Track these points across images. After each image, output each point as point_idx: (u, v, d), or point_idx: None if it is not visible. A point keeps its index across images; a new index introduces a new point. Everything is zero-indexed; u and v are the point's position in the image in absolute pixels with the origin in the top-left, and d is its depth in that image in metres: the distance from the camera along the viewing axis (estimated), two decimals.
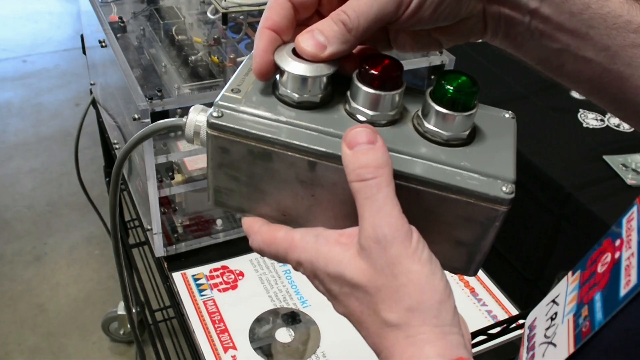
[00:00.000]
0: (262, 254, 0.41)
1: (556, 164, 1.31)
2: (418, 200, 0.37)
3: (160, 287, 1.16)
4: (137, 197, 1.06)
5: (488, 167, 0.37)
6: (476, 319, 0.90)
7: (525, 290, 1.36)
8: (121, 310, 1.72)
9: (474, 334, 0.81)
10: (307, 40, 0.38)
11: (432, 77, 1.05)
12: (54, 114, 2.64)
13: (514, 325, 0.85)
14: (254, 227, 0.41)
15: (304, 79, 0.38)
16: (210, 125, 0.38)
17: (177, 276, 0.93)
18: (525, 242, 1.36)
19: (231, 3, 1.02)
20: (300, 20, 0.41)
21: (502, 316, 0.91)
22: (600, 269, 0.39)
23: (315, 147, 0.37)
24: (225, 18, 1.07)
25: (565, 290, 0.43)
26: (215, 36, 1.07)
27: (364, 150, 0.35)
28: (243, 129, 0.38)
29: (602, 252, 0.40)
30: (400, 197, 0.36)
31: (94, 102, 1.32)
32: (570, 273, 0.44)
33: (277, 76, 0.40)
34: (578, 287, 0.41)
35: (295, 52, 0.39)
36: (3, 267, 1.98)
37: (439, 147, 0.38)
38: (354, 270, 0.36)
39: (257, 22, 1.13)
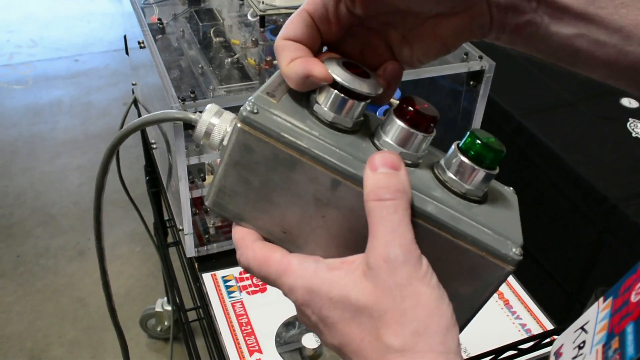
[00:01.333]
0: (249, 271, 0.39)
1: (601, 174, 1.26)
2: (430, 242, 0.37)
3: (193, 287, 1.17)
4: (172, 198, 1.07)
5: (500, 227, 0.38)
6: (508, 333, 0.87)
7: (565, 303, 1.32)
8: (159, 307, 1.74)
9: (504, 348, 0.79)
10: (294, 69, 0.38)
11: (472, 82, 1.02)
12: (102, 113, 2.70)
13: (547, 340, 0.82)
14: (247, 240, 0.39)
15: (347, 96, 0.38)
16: (243, 119, 0.37)
17: (207, 277, 0.94)
18: (566, 253, 1.32)
19: (268, 5, 1.02)
20: (327, 41, 0.41)
21: (536, 330, 0.88)
22: (634, 297, 0.36)
23: (344, 166, 0.37)
24: (262, 20, 1.07)
25: (595, 317, 0.41)
26: (254, 38, 1.08)
27: (386, 173, 0.35)
28: (277, 130, 0.37)
29: (637, 279, 0.37)
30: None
31: (135, 102, 1.34)
32: (602, 299, 0.42)
33: (315, 92, 0.39)
34: (609, 315, 0.39)
35: (347, 65, 0.39)
36: (47, 261, 2.03)
37: (456, 197, 0.39)
38: (360, 292, 0.34)
39: None
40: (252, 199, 0.39)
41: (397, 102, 0.39)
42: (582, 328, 0.44)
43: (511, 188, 0.44)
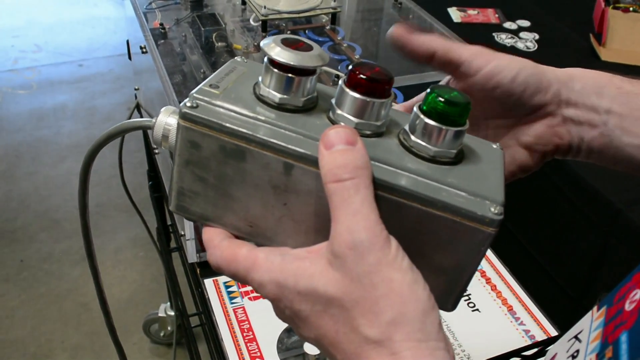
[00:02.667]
0: (220, 271, 0.37)
1: (606, 178, 1.26)
2: (400, 216, 0.35)
3: (195, 292, 1.17)
4: None
5: (476, 187, 0.35)
6: (512, 339, 0.86)
7: (569, 309, 1.31)
8: (162, 312, 1.74)
9: (508, 355, 0.78)
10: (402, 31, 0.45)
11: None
12: (106, 117, 2.70)
13: (550, 347, 0.81)
14: (214, 240, 0.38)
15: (290, 73, 0.36)
16: (183, 115, 0.35)
17: (208, 282, 0.93)
18: (571, 258, 1.31)
19: (271, 10, 1.02)
20: None
21: (540, 336, 0.87)
22: (628, 306, 0.36)
23: (293, 148, 0.35)
24: (265, 25, 1.07)
25: (589, 326, 0.40)
26: (256, 43, 1.07)
27: (342, 150, 0.33)
28: (217, 121, 0.35)
29: (632, 287, 0.37)
30: (380, 210, 0.33)
31: (138, 107, 1.34)
32: (595, 308, 0.41)
33: (260, 76, 0.38)
34: (603, 324, 0.38)
35: (284, 42, 0.37)
36: (51, 265, 2.03)
37: (424, 162, 0.36)
38: (327, 283, 0.32)
39: (299, 30, 1.13)
40: (211, 197, 0.38)
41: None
42: (575, 337, 0.43)
43: (497, 144, 0.41)
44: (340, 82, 0.37)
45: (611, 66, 1.63)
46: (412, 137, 0.36)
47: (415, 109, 0.37)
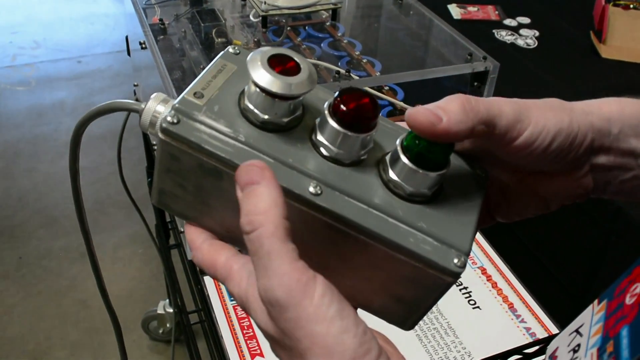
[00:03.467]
0: (204, 271, 0.38)
1: None
2: (365, 251, 0.35)
3: (194, 289, 1.16)
4: None
5: (445, 232, 0.35)
6: (513, 337, 0.86)
7: (570, 306, 1.31)
8: (161, 309, 1.73)
9: (509, 353, 0.78)
10: (422, 109, 0.34)
11: (476, 83, 1.01)
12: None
13: (552, 342, 0.81)
14: (197, 241, 0.38)
15: (272, 97, 0.35)
16: (163, 130, 0.35)
17: (208, 280, 0.93)
18: (572, 255, 1.31)
19: (271, 6, 1.02)
20: None
21: (541, 334, 0.87)
22: (628, 300, 0.35)
23: None
24: (265, 21, 1.06)
25: (590, 320, 0.40)
26: (256, 39, 1.07)
27: (247, 194, 0.32)
28: (197, 142, 0.35)
29: (632, 281, 0.36)
30: (345, 244, 0.34)
31: None
32: (596, 301, 0.41)
33: (244, 90, 0.37)
34: (604, 318, 0.38)
35: (271, 62, 0.35)
36: (50, 262, 2.03)
37: (398, 200, 0.35)
38: (267, 324, 0.33)
39: (298, 26, 1.12)
40: (190, 202, 0.38)
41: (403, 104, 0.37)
42: (576, 331, 0.43)
43: (484, 172, 0.39)
44: (325, 105, 0.36)
45: (611, 63, 1.62)
46: (390, 173, 0.36)
47: (397, 141, 0.36)
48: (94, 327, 1.83)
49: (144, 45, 0.98)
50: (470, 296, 0.92)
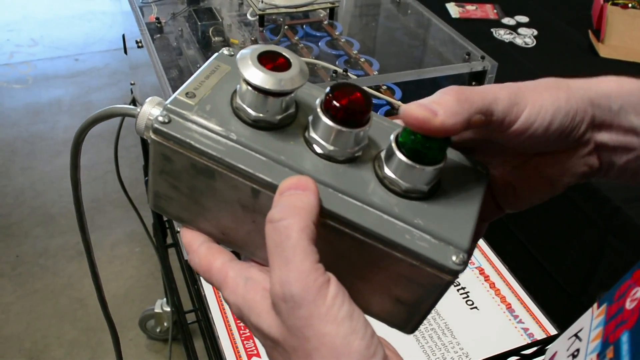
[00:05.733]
0: (200, 275, 0.38)
1: None
2: (362, 250, 0.34)
3: (191, 289, 1.16)
4: None
5: (443, 229, 0.34)
6: (511, 338, 0.86)
7: (567, 306, 1.31)
8: (158, 308, 1.73)
9: (507, 354, 0.78)
10: (416, 105, 0.34)
11: (473, 83, 1.01)
12: None
13: (550, 346, 0.81)
14: (193, 245, 0.38)
15: (263, 94, 0.34)
16: (154, 130, 0.35)
17: None
18: (569, 255, 1.31)
19: (268, 5, 1.01)
20: None
21: (539, 335, 0.86)
22: (629, 304, 0.35)
23: (260, 175, 0.34)
24: (262, 20, 1.06)
25: (589, 324, 0.39)
26: (253, 38, 1.06)
27: (287, 194, 0.32)
28: (188, 140, 0.34)
29: (632, 285, 0.36)
30: (342, 243, 0.33)
31: (134, 102, 1.33)
32: (595, 305, 0.40)
33: (238, 85, 0.36)
34: (604, 323, 0.37)
35: (261, 59, 0.35)
36: (47, 261, 2.02)
37: (395, 197, 0.35)
38: (271, 325, 0.32)
39: (296, 24, 1.12)
40: (185, 204, 0.38)
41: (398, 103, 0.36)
42: (575, 335, 0.42)
43: (485, 169, 0.39)
44: (317, 101, 0.35)
45: (609, 63, 1.62)
46: (385, 169, 0.35)
47: (392, 137, 0.35)
48: (91, 325, 1.83)
49: (140, 44, 0.98)
50: (468, 297, 0.92)
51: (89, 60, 3.07)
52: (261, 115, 0.35)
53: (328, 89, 0.35)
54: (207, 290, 0.90)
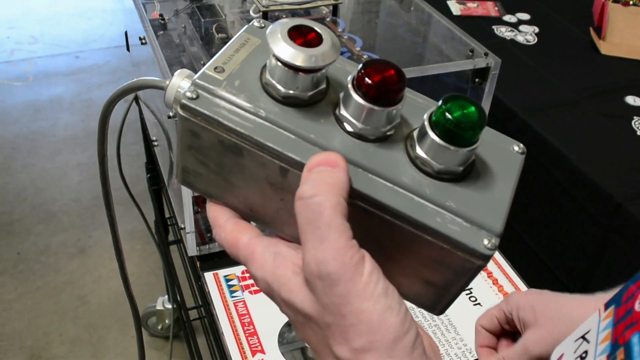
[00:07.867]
0: (225, 250, 0.37)
1: (606, 173, 1.25)
2: (391, 232, 0.33)
3: (194, 285, 1.16)
4: (173, 195, 1.06)
5: (475, 212, 0.33)
6: None
7: None
8: (160, 305, 1.73)
9: None
10: None
11: (477, 80, 1.01)
12: None
13: (556, 348, 0.81)
14: (219, 219, 0.37)
15: (294, 70, 0.33)
16: (182, 106, 0.34)
17: (208, 276, 0.93)
18: (571, 252, 1.31)
19: (271, 1, 1.01)
20: None
21: None
22: (637, 306, 0.35)
23: (289, 154, 0.33)
24: (265, 16, 1.06)
25: (596, 326, 0.39)
26: None
27: (318, 171, 0.31)
28: (216, 117, 0.34)
29: None
30: (371, 224, 0.33)
31: (136, 99, 1.33)
32: (602, 307, 0.40)
33: (267, 59, 0.36)
34: (612, 325, 0.37)
35: (291, 34, 0.34)
36: (48, 258, 2.02)
37: (427, 178, 0.34)
38: (304, 300, 0.32)
39: None
40: (213, 180, 0.37)
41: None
42: (583, 337, 0.42)
43: (520, 146, 0.37)
44: (349, 77, 0.34)
45: (611, 60, 1.62)
46: (417, 149, 0.34)
47: (425, 116, 0.34)
48: (93, 323, 1.83)
49: (143, 41, 0.98)
50: (471, 293, 0.92)
51: (90, 57, 3.07)
52: (291, 92, 0.34)
53: (360, 66, 0.34)
54: (211, 286, 0.91)
